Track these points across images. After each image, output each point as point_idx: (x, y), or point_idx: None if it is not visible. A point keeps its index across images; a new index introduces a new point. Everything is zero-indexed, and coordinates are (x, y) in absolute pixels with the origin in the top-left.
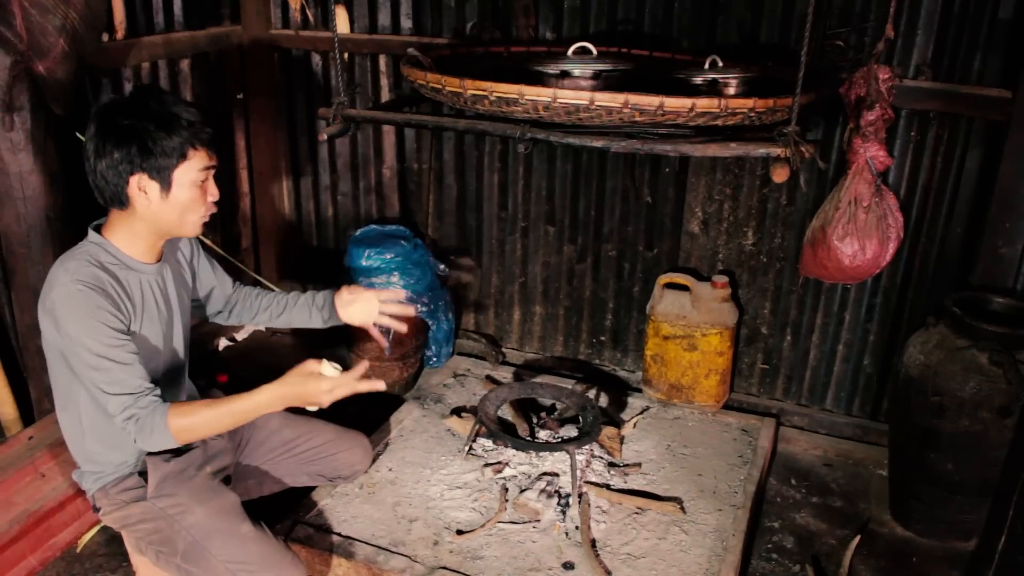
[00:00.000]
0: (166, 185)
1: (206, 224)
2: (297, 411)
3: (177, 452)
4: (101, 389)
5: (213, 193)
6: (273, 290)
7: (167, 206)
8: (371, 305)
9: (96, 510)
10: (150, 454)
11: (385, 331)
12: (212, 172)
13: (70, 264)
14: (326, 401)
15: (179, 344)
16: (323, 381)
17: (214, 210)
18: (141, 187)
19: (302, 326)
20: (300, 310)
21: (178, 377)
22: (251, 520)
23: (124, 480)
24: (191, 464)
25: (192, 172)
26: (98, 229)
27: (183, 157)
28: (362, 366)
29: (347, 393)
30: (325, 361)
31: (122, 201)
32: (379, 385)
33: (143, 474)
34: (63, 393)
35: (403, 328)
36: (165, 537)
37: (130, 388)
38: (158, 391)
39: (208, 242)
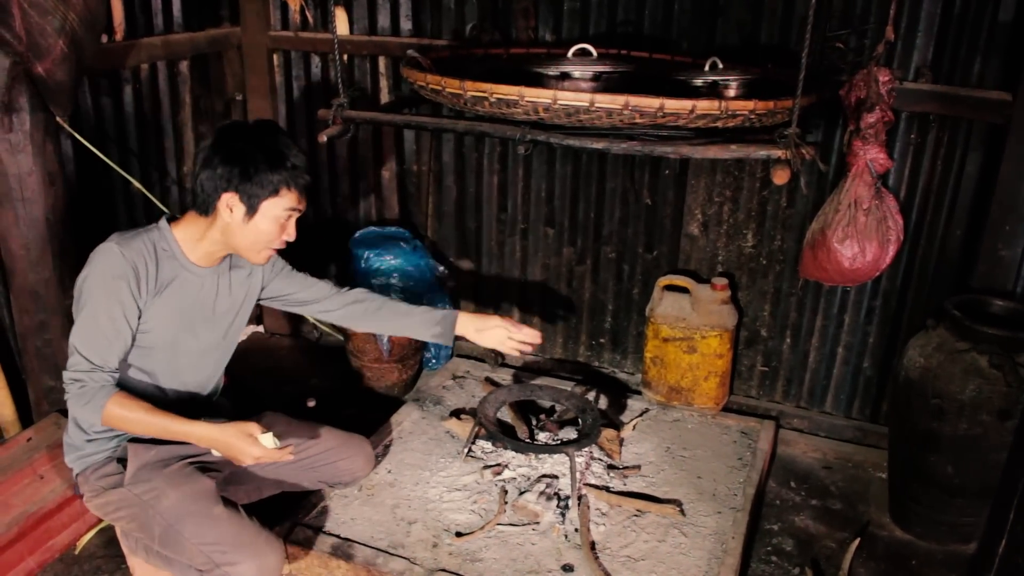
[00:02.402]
0: (252, 211)
1: None
2: (297, 413)
3: (160, 442)
4: (76, 344)
5: (290, 233)
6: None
7: (245, 229)
8: (499, 339)
9: (80, 495)
10: (132, 440)
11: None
12: (296, 215)
13: (126, 234)
14: (247, 462)
15: (210, 346)
16: (255, 447)
17: (283, 247)
18: (229, 205)
19: (410, 335)
20: (414, 323)
21: (198, 376)
22: (224, 503)
23: (103, 466)
24: (173, 455)
25: (278, 208)
26: (169, 220)
27: (275, 193)
28: (288, 450)
29: (270, 461)
30: (270, 434)
31: (208, 210)
32: (288, 455)
33: (122, 461)
34: None
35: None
36: (142, 523)
37: (94, 358)
38: (116, 375)
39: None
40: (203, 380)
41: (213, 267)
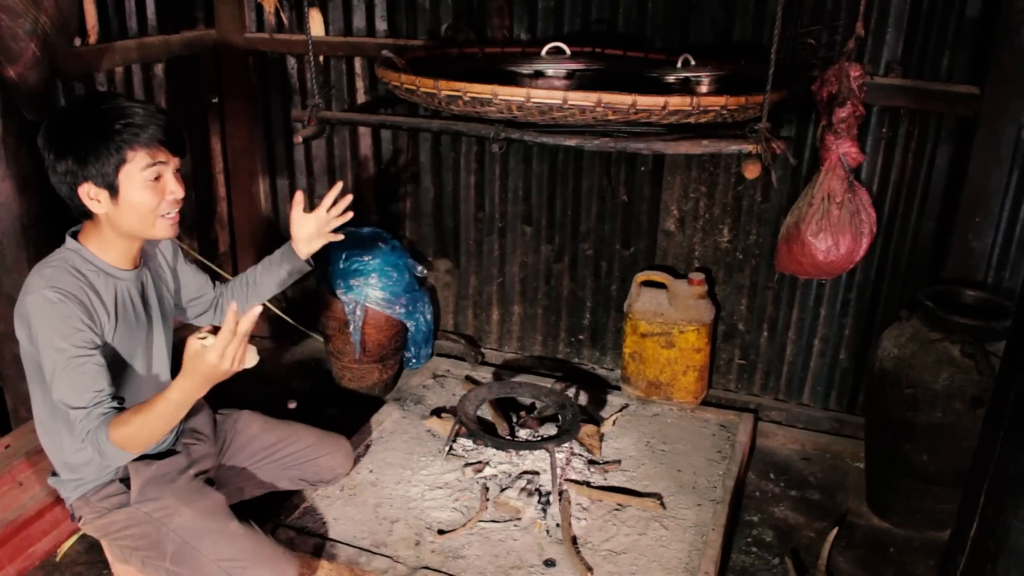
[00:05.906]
0: (114, 191)
1: (183, 227)
2: (278, 415)
3: (158, 456)
4: (64, 401)
5: (172, 190)
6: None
7: (122, 211)
8: (320, 224)
9: (76, 519)
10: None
11: (358, 335)
12: (164, 168)
13: (46, 271)
14: (228, 367)
15: (161, 348)
16: (209, 352)
17: (177, 207)
18: (92, 196)
19: (277, 288)
20: (264, 275)
21: (161, 381)
22: (239, 518)
23: (105, 487)
24: (174, 468)
25: (136, 173)
26: (75, 235)
27: (123, 160)
28: (231, 312)
29: (238, 344)
30: (208, 337)
31: (85, 212)
32: (256, 309)
33: (124, 480)
34: (42, 400)
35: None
36: (152, 542)
37: (86, 401)
38: (112, 402)
39: (185, 247)
40: (165, 383)
41: (138, 268)
